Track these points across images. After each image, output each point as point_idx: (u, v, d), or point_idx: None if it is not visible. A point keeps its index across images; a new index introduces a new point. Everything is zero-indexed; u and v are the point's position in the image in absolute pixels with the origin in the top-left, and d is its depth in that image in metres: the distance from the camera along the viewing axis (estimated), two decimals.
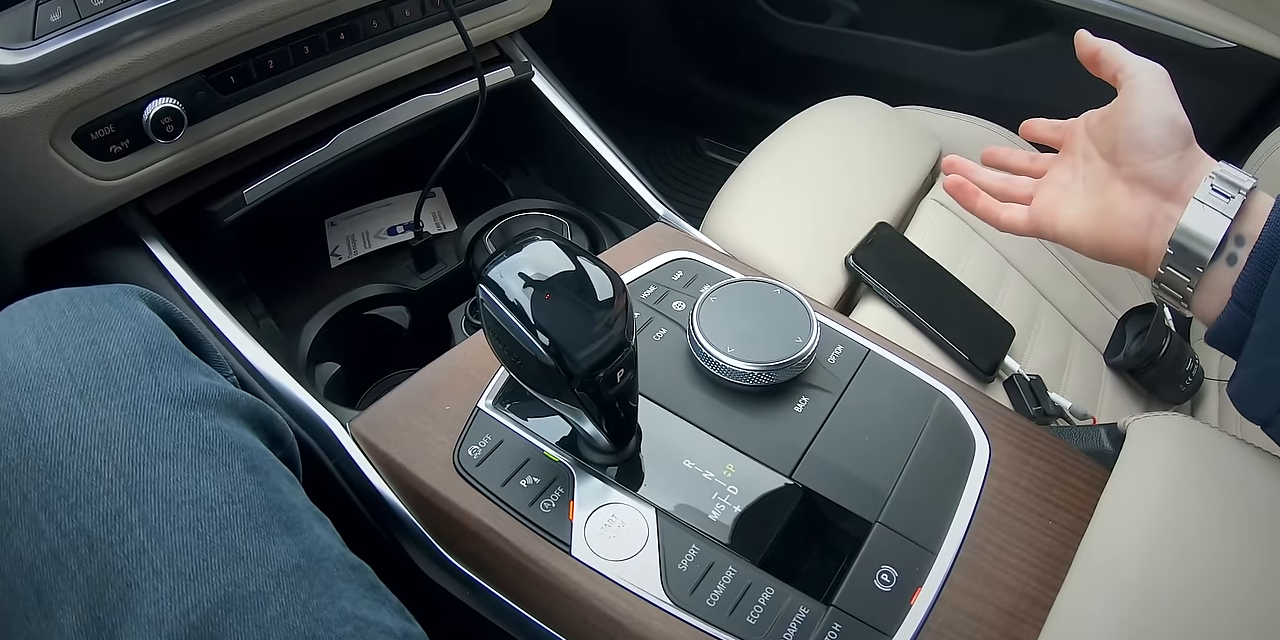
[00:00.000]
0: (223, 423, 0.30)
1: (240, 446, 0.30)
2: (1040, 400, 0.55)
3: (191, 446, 0.28)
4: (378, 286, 0.57)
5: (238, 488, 0.28)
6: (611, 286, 0.29)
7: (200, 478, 0.28)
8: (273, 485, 0.30)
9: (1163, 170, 0.31)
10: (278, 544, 0.27)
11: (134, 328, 0.31)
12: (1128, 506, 0.32)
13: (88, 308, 0.31)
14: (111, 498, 0.26)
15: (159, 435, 0.28)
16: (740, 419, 0.36)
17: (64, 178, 0.43)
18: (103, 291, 0.32)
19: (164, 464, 0.27)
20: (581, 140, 0.61)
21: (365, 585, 0.29)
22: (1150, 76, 0.33)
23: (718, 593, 0.31)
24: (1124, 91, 0.33)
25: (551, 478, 0.34)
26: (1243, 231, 0.29)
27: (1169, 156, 0.31)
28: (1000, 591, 0.32)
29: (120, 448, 0.27)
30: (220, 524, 0.27)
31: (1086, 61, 0.35)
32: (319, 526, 0.30)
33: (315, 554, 0.28)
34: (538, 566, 0.32)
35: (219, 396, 0.31)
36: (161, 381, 0.29)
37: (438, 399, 0.38)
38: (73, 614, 0.25)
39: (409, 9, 0.52)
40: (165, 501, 0.27)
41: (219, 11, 0.44)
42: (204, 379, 0.31)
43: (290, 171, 0.51)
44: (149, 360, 0.30)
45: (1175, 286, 0.31)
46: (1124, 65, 0.34)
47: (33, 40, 0.40)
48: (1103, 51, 0.34)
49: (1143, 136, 0.32)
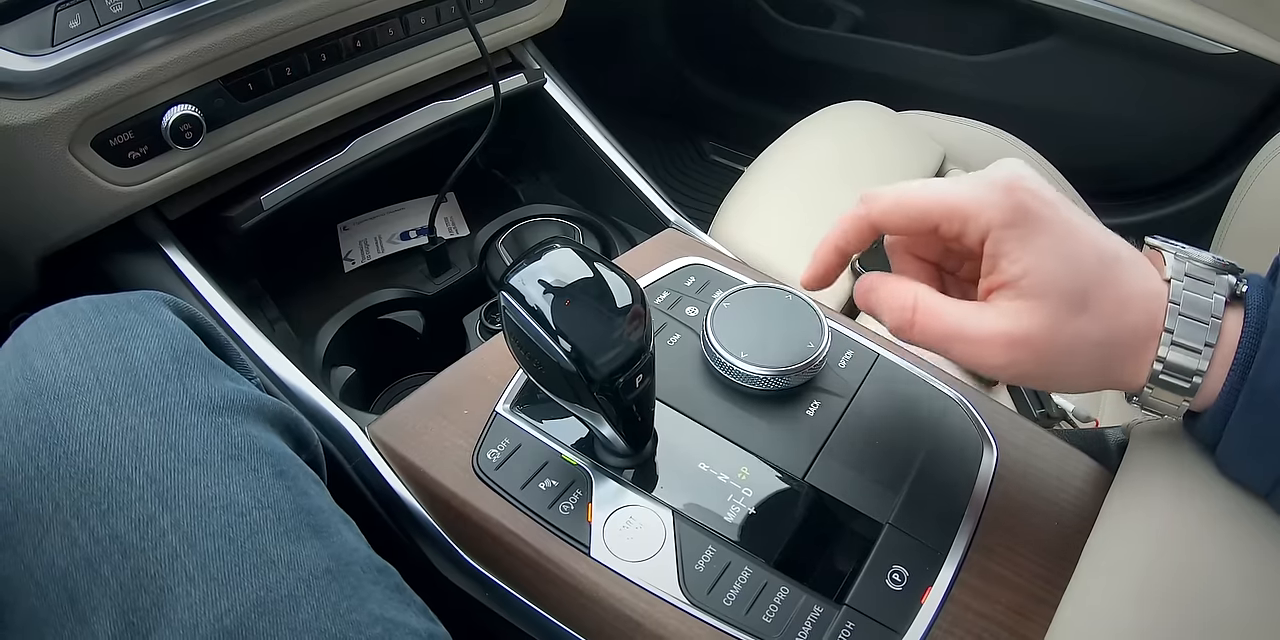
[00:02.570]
0: (250, 428, 0.30)
1: (268, 452, 0.30)
2: (1044, 403, 0.55)
3: (221, 452, 0.29)
4: (392, 291, 0.57)
5: (267, 493, 0.29)
6: (630, 293, 0.29)
7: (230, 483, 0.28)
8: (300, 489, 0.30)
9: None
10: (307, 548, 0.28)
11: (160, 334, 0.31)
12: (1131, 509, 0.33)
13: (114, 315, 0.31)
14: (144, 504, 0.27)
15: (189, 442, 0.28)
16: (753, 422, 0.37)
17: (82, 183, 0.44)
18: (128, 298, 0.33)
19: (194, 470, 0.28)
20: (593, 146, 0.62)
21: (392, 587, 0.30)
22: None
23: (734, 593, 0.32)
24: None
25: (570, 480, 0.35)
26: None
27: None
28: (1008, 591, 0.33)
29: (151, 454, 0.27)
30: (251, 529, 0.27)
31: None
32: (346, 529, 0.31)
33: (344, 557, 0.29)
34: (557, 567, 0.33)
35: (246, 402, 0.31)
36: (189, 388, 0.30)
37: (456, 403, 0.38)
38: (107, 620, 0.25)
39: (424, 17, 0.53)
40: (197, 507, 0.27)
41: (237, 19, 0.45)
42: (230, 385, 0.31)
43: (307, 177, 0.52)
44: (176, 367, 0.30)
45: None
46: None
47: (52, 47, 0.40)
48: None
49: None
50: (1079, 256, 0.28)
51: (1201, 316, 0.27)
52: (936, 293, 0.30)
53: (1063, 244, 0.28)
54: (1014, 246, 0.28)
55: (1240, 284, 0.28)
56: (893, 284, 0.31)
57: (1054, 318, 0.27)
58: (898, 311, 0.30)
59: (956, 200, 0.29)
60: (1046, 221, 0.28)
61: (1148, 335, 0.28)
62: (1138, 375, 0.28)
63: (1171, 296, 0.27)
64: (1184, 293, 0.28)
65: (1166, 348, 0.27)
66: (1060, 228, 0.28)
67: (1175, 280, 0.28)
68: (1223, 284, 0.28)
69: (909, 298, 0.30)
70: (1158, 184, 1.02)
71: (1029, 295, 0.28)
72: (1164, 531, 0.31)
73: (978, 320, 0.28)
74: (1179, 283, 0.28)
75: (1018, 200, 0.28)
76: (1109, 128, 0.99)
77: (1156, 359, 0.27)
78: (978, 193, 0.29)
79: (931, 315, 0.29)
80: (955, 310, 0.29)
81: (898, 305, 0.30)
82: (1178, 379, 0.28)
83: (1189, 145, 0.97)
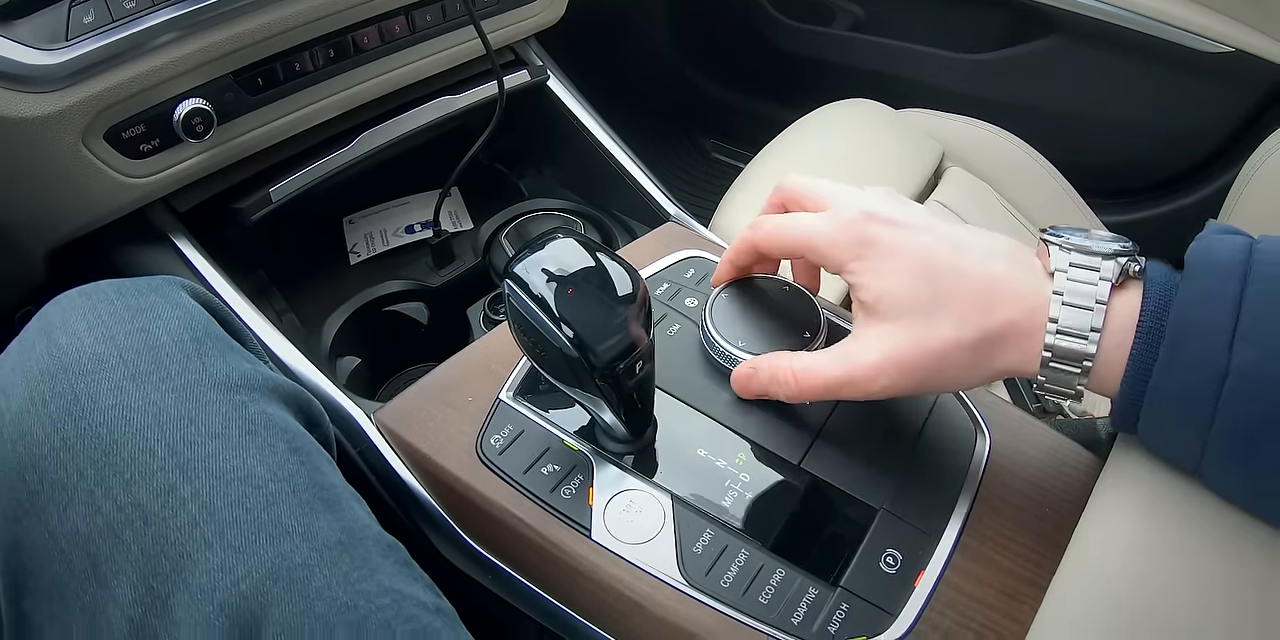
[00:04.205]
0: (267, 406, 0.31)
1: (283, 428, 0.31)
2: (1039, 397, 0.56)
3: (239, 427, 0.29)
4: (398, 283, 0.58)
5: (282, 467, 0.29)
6: (631, 282, 0.30)
7: (248, 457, 0.29)
8: (314, 465, 0.31)
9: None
10: (321, 520, 0.29)
11: (180, 316, 0.32)
12: (1120, 495, 0.33)
13: (135, 297, 0.32)
14: (165, 474, 0.27)
15: (208, 416, 0.29)
16: (751, 410, 0.38)
17: (95, 175, 0.44)
18: (149, 282, 0.34)
19: (214, 443, 0.29)
20: (595, 142, 0.62)
21: (401, 561, 0.31)
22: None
23: (731, 575, 0.33)
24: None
25: (571, 465, 0.36)
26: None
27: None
28: (999, 574, 0.34)
29: (172, 428, 0.28)
30: (268, 501, 0.28)
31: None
32: (357, 506, 0.32)
33: (355, 531, 0.30)
34: (559, 550, 0.34)
35: (262, 381, 0.32)
36: (208, 367, 0.31)
37: (460, 391, 0.39)
38: (127, 584, 0.26)
39: (430, 14, 0.54)
40: (216, 478, 0.28)
41: (248, 15, 0.46)
42: (247, 365, 0.32)
43: (315, 170, 0.53)
44: (196, 347, 0.31)
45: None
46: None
47: (66, 41, 0.41)
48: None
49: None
50: (932, 271, 0.30)
51: (1086, 303, 0.28)
52: (805, 355, 0.34)
53: (912, 263, 0.30)
54: (865, 277, 0.31)
55: (1132, 264, 0.29)
56: (764, 363, 0.35)
57: (915, 334, 0.30)
58: (783, 385, 0.34)
59: (810, 238, 0.33)
60: (896, 246, 0.30)
61: (1030, 327, 0.29)
62: (1027, 364, 0.30)
63: (1055, 287, 0.29)
64: (1067, 282, 0.29)
65: (1053, 336, 0.29)
66: (910, 249, 0.30)
67: (1059, 271, 0.29)
68: (1109, 269, 0.29)
69: (787, 371, 0.33)
70: (1155, 182, 1.03)
71: (886, 318, 0.31)
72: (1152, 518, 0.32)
73: (845, 363, 0.31)
74: (1062, 273, 0.29)
75: (861, 235, 0.31)
76: (1107, 126, 1.00)
77: (1045, 347, 0.29)
78: (828, 230, 0.32)
79: (810, 375, 0.33)
80: (826, 361, 0.32)
81: (781, 380, 0.34)
82: (1068, 365, 0.29)
83: (1187, 143, 0.98)
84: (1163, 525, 0.31)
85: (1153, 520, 0.31)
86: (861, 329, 0.32)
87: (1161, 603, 0.29)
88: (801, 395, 0.33)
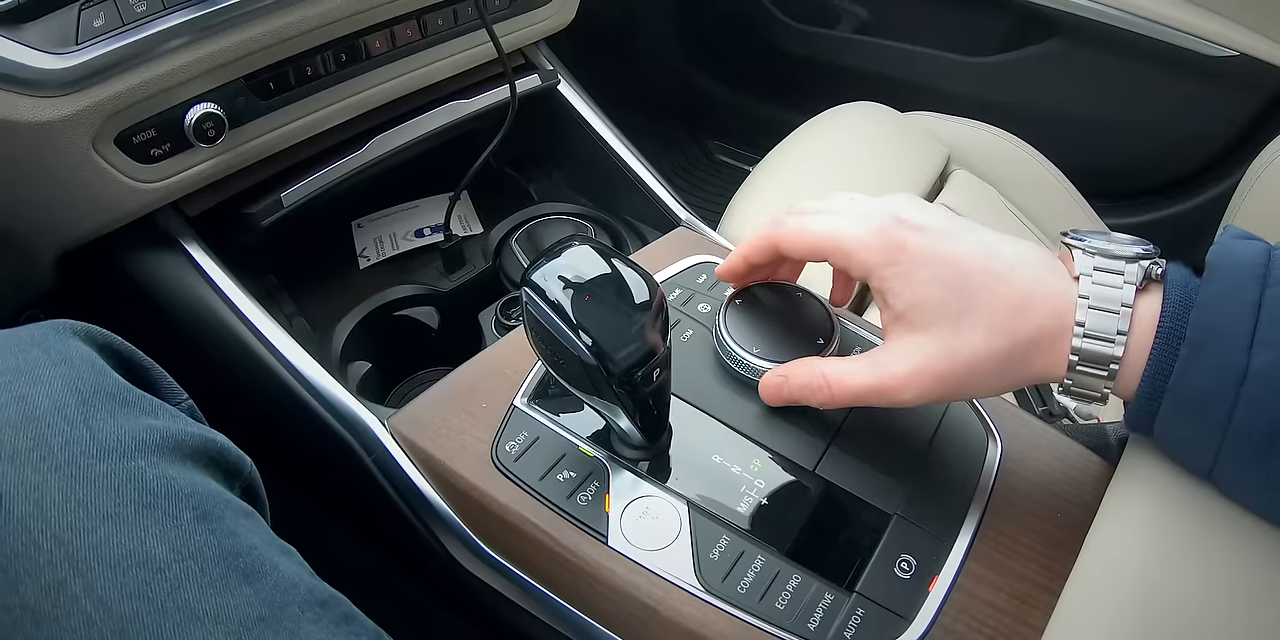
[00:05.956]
0: (168, 469, 0.28)
1: (188, 493, 0.28)
2: (1046, 400, 0.56)
3: (134, 502, 0.26)
4: (408, 287, 0.58)
5: (188, 541, 0.26)
6: (648, 289, 0.30)
7: (146, 536, 0.26)
8: (228, 530, 0.28)
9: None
10: (236, 597, 0.26)
11: (64, 374, 0.29)
12: (1133, 499, 0.34)
13: (14, 357, 0.29)
14: (53, 569, 0.24)
15: (97, 495, 0.26)
16: (765, 416, 0.38)
17: (105, 180, 0.44)
18: (31, 334, 0.30)
19: (106, 527, 0.26)
20: (606, 146, 0.62)
21: (336, 620, 0.28)
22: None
23: (747, 581, 0.33)
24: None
25: (587, 472, 0.36)
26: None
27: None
28: (1012, 579, 0.34)
29: (57, 514, 0.25)
30: (172, 585, 0.25)
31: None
32: (284, 563, 0.28)
33: (278, 600, 0.27)
34: (576, 556, 0.34)
35: (161, 440, 0.29)
36: (97, 433, 0.27)
37: (474, 397, 0.39)
38: None
39: (441, 18, 0.54)
40: (110, 568, 0.25)
41: (259, 19, 0.46)
42: (145, 421, 0.29)
43: (326, 175, 0.53)
44: (81, 410, 0.28)
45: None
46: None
47: (76, 45, 0.41)
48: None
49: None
50: (963, 279, 0.30)
51: (1111, 306, 0.28)
52: (835, 360, 0.33)
53: (943, 271, 0.30)
54: (895, 283, 0.30)
55: (1155, 267, 0.29)
56: (795, 370, 0.34)
57: (947, 345, 0.30)
58: (815, 391, 0.33)
59: (838, 239, 0.31)
60: (925, 254, 0.30)
61: (1058, 331, 0.29)
62: (1055, 368, 0.30)
63: (1080, 291, 0.29)
64: (1093, 286, 0.29)
65: (1080, 340, 0.29)
66: (940, 256, 0.30)
67: (1084, 275, 0.29)
68: (1133, 272, 0.29)
69: (820, 377, 0.33)
70: (1159, 185, 1.03)
71: (917, 328, 0.30)
72: (1163, 524, 0.32)
73: (877, 371, 0.31)
74: (1087, 277, 0.29)
75: (892, 240, 0.30)
76: (1111, 129, 1.00)
77: (1072, 351, 0.29)
78: (859, 232, 0.31)
79: (842, 383, 0.32)
80: (858, 369, 0.32)
81: (813, 386, 0.33)
82: (1095, 369, 0.29)
83: (1190, 147, 0.98)
84: (1176, 530, 0.31)
85: (1166, 524, 0.32)
86: (893, 338, 0.31)
87: (1177, 608, 0.29)
88: (834, 402, 0.33)
